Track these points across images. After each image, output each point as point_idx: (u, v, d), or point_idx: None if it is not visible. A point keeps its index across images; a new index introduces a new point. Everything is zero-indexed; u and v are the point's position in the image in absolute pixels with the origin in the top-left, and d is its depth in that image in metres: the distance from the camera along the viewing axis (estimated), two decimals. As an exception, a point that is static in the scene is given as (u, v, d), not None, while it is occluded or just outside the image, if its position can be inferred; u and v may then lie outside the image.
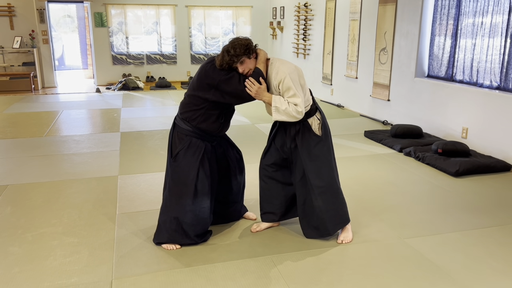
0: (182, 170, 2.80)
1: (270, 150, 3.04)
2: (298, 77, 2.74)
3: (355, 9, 7.39)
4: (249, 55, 2.67)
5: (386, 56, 6.63)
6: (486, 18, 5.01)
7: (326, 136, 2.89)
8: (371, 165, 4.74)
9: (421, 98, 5.97)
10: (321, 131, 2.85)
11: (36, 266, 2.73)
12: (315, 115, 2.86)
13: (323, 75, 8.77)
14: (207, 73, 2.73)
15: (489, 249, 2.95)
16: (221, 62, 2.67)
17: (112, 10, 10.72)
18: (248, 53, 2.66)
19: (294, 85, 2.67)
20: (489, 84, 5.02)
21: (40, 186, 4.10)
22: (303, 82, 2.80)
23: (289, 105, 2.66)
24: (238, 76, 2.71)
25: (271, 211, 3.11)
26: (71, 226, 3.28)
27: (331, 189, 2.91)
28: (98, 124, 6.78)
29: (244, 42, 2.66)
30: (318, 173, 2.86)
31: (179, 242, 2.90)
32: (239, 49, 2.62)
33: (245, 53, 2.64)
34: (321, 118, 2.88)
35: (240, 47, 2.62)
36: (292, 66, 2.76)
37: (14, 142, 5.68)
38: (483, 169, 4.46)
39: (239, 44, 2.63)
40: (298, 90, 2.68)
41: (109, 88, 10.37)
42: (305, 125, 2.83)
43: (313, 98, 2.92)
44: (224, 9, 11.45)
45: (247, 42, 2.67)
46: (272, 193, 3.08)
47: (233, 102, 2.80)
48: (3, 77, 9.99)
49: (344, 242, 2.99)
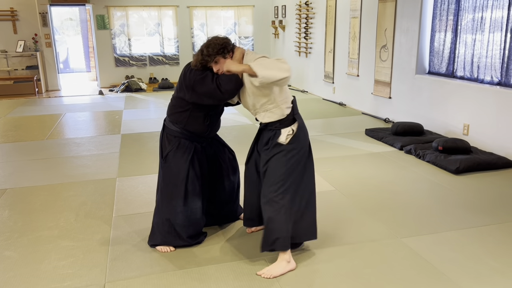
0: (172, 171, 2.80)
1: (252, 156, 2.95)
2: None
3: (356, 7, 7.34)
4: (224, 55, 2.59)
5: (386, 53, 6.58)
6: (486, 13, 4.95)
7: (296, 149, 2.62)
8: (371, 164, 4.70)
9: (422, 95, 5.91)
10: (288, 141, 2.61)
11: (30, 270, 2.73)
12: (289, 126, 2.63)
13: (325, 73, 8.73)
14: (185, 75, 2.70)
15: (488, 248, 2.91)
16: (195, 63, 2.64)
17: (114, 12, 10.76)
18: (223, 53, 2.59)
19: (281, 60, 2.45)
20: (490, 80, 4.95)
21: (39, 190, 4.12)
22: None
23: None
24: (212, 75, 2.64)
25: (250, 217, 3.03)
26: (67, 230, 3.28)
27: (274, 204, 2.60)
28: (100, 127, 6.80)
29: (220, 41, 2.60)
30: (268, 182, 2.64)
31: (173, 244, 2.89)
32: (212, 49, 2.57)
33: (218, 53, 2.58)
34: (296, 130, 2.63)
35: (214, 46, 2.57)
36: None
37: (15, 145, 5.72)
38: (484, 166, 4.40)
39: (214, 43, 2.59)
40: (287, 63, 2.46)
41: (112, 90, 10.41)
42: (277, 134, 2.64)
43: (294, 107, 2.68)
44: (226, 9, 11.43)
45: (223, 42, 2.60)
46: (251, 199, 2.96)
47: (210, 102, 2.70)
48: (7, 81, 10.07)
49: (263, 276, 2.59)
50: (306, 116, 7.08)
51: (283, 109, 2.62)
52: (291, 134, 2.62)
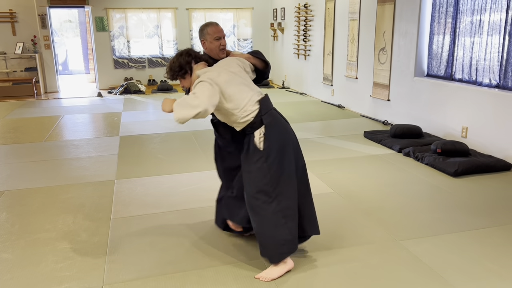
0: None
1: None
2: (220, 80, 2.51)
3: (354, 9, 7.35)
4: (183, 76, 2.71)
5: (385, 56, 6.58)
6: (484, 16, 4.96)
7: (273, 150, 2.56)
8: (369, 166, 4.70)
9: (420, 97, 5.92)
10: (263, 145, 2.55)
11: (27, 272, 2.72)
12: (259, 128, 2.56)
13: (323, 76, 8.73)
14: None
15: (486, 250, 2.91)
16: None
17: (113, 14, 10.76)
18: (181, 75, 2.71)
19: (201, 87, 2.47)
20: (488, 82, 4.96)
21: (37, 192, 4.11)
22: (235, 84, 2.56)
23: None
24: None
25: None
26: (65, 232, 3.27)
27: (253, 209, 2.60)
28: (98, 129, 6.79)
29: (176, 65, 2.68)
30: (246, 188, 2.63)
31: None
32: (170, 75, 2.72)
33: (176, 76, 2.71)
34: (266, 131, 2.56)
35: (170, 71, 2.70)
36: (216, 72, 2.56)
37: (13, 147, 5.71)
38: (482, 168, 4.40)
39: (169, 68, 2.71)
40: (205, 91, 2.45)
41: (110, 92, 10.41)
42: (251, 138, 2.60)
43: (262, 108, 2.57)
44: (225, 11, 11.45)
45: (178, 65, 2.67)
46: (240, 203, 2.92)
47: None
48: (5, 82, 10.06)
49: (261, 280, 2.58)
50: (304, 118, 7.10)
51: (246, 116, 2.55)
52: (262, 137, 2.55)
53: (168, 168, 4.72)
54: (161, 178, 4.43)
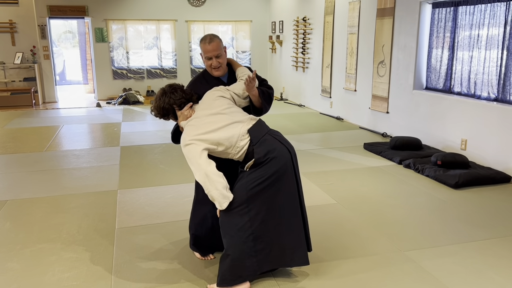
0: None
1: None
2: (202, 135, 2.46)
3: (353, 23, 7.46)
4: (169, 118, 2.67)
5: (384, 69, 6.67)
6: (482, 30, 5.06)
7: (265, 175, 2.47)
8: (370, 178, 4.74)
9: (419, 110, 5.99)
10: (249, 168, 2.51)
11: (34, 282, 2.72)
12: (252, 159, 2.49)
13: (322, 88, 8.81)
14: None
15: (489, 261, 2.94)
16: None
17: (113, 25, 10.83)
18: (167, 118, 2.68)
19: (188, 153, 2.49)
20: (487, 95, 5.04)
21: (40, 201, 4.10)
22: (220, 127, 2.48)
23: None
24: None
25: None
26: (70, 241, 3.27)
27: (226, 233, 2.52)
28: (98, 139, 6.80)
29: (159, 107, 2.62)
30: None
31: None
32: (155, 114, 2.69)
33: (160, 117, 2.69)
34: (257, 159, 2.47)
35: (155, 111, 2.66)
36: (195, 126, 2.50)
37: (14, 157, 5.70)
38: (482, 180, 4.45)
39: (154, 108, 2.66)
40: (194, 156, 2.46)
41: (109, 103, 10.42)
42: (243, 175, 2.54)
43: (253, 138, 2.48)
44: (224, 23, 11.56)
45: (162, 108, 2.61)
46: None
47: None
48: (4, 92, 10.06)
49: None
50: (303, 130, 7.14)
51: (239, 152, 2.50)
52: (251, 163, 2.49)
53: (170, 179, 4.73)
54: (163, 188, 4.44)
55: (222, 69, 2.74)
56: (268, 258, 2.55)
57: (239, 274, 2.53)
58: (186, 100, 2.62)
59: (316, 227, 3.47)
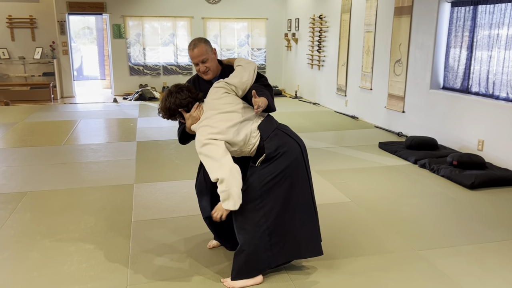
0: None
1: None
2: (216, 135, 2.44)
3: (370, 21, 7.42)
4: (176, 119, 2.65)
5: (401, 67, 6.63)
6: (502, 30, 5.00)
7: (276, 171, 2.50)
8: (385, 177, 4.72)
9: (436, 110, 5.94)
10: (260, 164, 2.53)
11: (53, 271, 2.79)
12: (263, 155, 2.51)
13: (337, 86, 8.79)
14: None
15: (506, 262, 2.92)
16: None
17: (130, 22, 10.95)
18: (174, 119, 2.65)
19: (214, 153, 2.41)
20: (505, 96, 4.98)
21: (58, 193, 4.19)
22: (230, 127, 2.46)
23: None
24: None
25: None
26: (88, 233, 3.34)
27: (241, 229, 2.55)
28: (115, 133, 6.90)
29: (166, 108, 2.59)
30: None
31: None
32: (162, 115, 2.65)
33: (168, 118, 2.65)
34: (267, 154, 2.50)
35: (162, 112, 2.63)
36: (208, 125, 2.47)
37: (33, 150, 5.82)
38: (499, 182, 4.41)
39: (161, 109, 2.63)
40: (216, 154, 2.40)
41: (126, 98, 10.55)
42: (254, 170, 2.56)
43: (263, 134, 2.52)
44: (240, 21, 11.59)
45: (169, 109, 2.58)
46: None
47: None
48: (24, 87, 10.25)
49: (225, 284, 2.62)
50: (318, 128, 7.14)
51: (252, 148, 2.53)
52: (263, 158, 2.51)
53: (186, 174, 4.78)
54: (179, 183, 4.49)
55: (211, 73, 2.69)
56: (283, 251, 2.59)
57: (255, 267, 2.58)
58: (192, 99, 2.59)
59: (329, 224, 3.48)
